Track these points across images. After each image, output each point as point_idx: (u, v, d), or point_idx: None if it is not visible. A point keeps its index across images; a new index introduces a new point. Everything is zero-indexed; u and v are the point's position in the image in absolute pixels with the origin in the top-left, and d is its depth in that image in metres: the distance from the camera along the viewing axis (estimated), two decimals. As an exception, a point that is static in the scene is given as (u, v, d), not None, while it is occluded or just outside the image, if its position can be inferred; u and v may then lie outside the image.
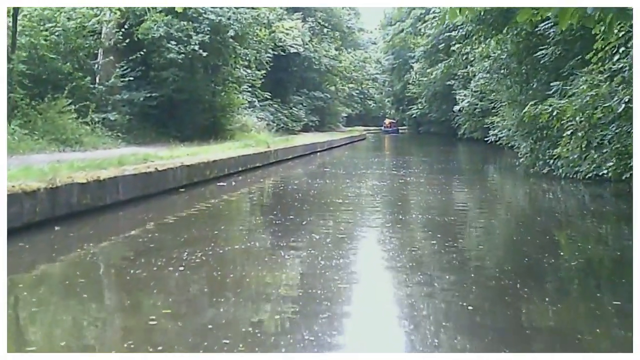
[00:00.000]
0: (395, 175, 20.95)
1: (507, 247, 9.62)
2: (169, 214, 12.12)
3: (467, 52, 27.17)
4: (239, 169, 20.45)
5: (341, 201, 14.41)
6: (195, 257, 7.87)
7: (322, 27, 59.76)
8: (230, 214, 12.46)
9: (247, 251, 8.55)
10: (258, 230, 10.64)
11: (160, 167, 14.81)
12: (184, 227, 10.49)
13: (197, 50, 25.28)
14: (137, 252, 8.52)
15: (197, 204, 13.56)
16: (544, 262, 7.99)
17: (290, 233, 10.03)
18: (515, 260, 8.43)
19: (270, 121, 42.44)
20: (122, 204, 12.18)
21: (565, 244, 9.79)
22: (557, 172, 18.88)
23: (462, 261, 8.24)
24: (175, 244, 8.88)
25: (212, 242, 8.94)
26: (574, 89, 16.32)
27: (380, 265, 8.07)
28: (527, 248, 9.10)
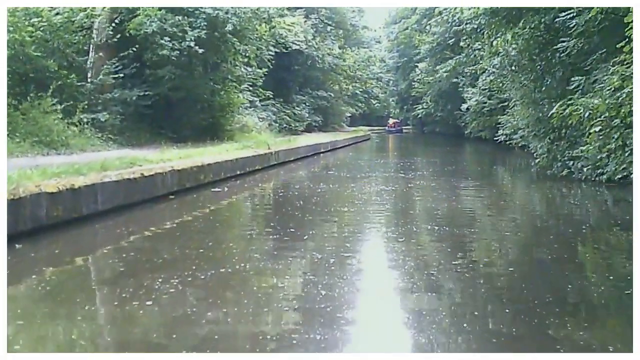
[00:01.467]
0: (404, 179, 19.57)
1: (533, 268, 8.24)
2: (152, 225, 10.78)
3: (479, 47, 25.69)
4: (237, 172, 19.14)
5: (346, 209, 13.06)
6: (169, 286, 6.52)
7: (326, 24, 58.37)
8: (222, 225, 11.04)
9: (234, 277, 7.15)
10: (251, 247, 9.19)
11: (147, 172, 13.49)
12: (166, 243, 9.17)
13: (193, 47, 23.92)
14: (102, 279, 7.22)
15: (186, 214, 12.23)
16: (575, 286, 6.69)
17: (289, 251, 8.67)
18: (552, 287, 7.06)
19: (272, 121, 41.31)
20: (100, 215, 10.86)
21: (593, 260, 8.46)
22: (576, 174, 17.53)
23: (491, 290, 6.92)
24: (150, 267, 7.55)
25: (195, 263, 7.61)
26: (600, 84, 14.98)
27: (395, 302, 6.56)
28: (556, 269, 7.76)
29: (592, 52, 16.80)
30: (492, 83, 36.29)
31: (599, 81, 15.33)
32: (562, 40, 17.14)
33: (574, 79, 16.35)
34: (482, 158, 32.21)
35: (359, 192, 16.20)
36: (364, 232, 10.61)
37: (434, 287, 6.95)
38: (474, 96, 41.09)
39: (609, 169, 15.88)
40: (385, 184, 18.10)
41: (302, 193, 15.90)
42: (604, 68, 15.64)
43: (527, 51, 21.47)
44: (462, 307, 6.20)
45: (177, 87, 25.73)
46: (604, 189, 15.76)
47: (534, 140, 21.42)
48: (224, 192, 15.52)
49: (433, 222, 11.23)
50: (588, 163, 17.10)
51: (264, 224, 11.57)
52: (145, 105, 24.72)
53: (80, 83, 21.71)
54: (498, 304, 6.34)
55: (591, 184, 16.59)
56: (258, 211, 13.61)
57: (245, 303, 6.25)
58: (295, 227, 10.65)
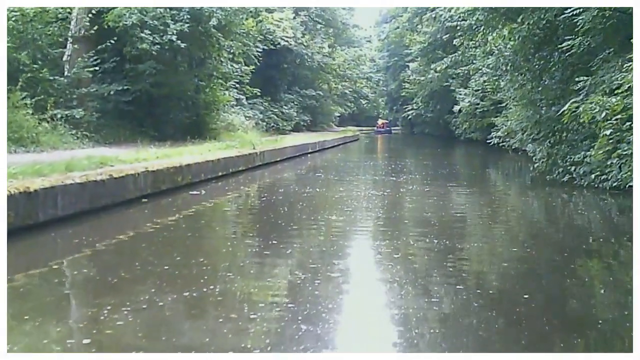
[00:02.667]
0: (396, 183, 18.47)
1: (544, 292, 7.17)
2: (116, 234, 9.64)
3: (475, 45, 24.63)
4: (219, 173, 18.04)
5: (334, 217, 11.92)
6: (117, 317, 5.39)
7: (315, 22, 57.21)
8: (195, 235, 9.84)
9: (198, 305, 6.02)
10: (225, 263, 7.99)
11: (117, 173, 12.37)
12: (127, 257, 8.06)
13: (175, 41, 22.73)
14: (36, 306, 6.00)
15: (156, 220, 11.09)
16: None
17: (268, 269, 7.59)
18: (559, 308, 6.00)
19: (259, 120, 40.20)
20: (60, 222, 9.72)
21: (600, 277, 7.41)
22: (578, 180, 16.51)
23: (499, 318, 5.85)
24: (101, 289, 6.44)
25: (156, 285, 6.50)
26: (607, 83, 13.96)
27: (388, 337, 5.50)
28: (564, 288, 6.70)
29: (597, 50, 15.75)
30: (485, 84, 35.42)
31: (607, 81, 14.30)
32: (567, 38, 16.04)
33: (579, 79, 15.26)
34: (475, 161, 31.13)
35: (348, 197, 15.10)
36: (353, 246, 9.49)
37: (435, 319, 5.86)
38: (466, 97, 40.04)
39: (613, 175, 14.88)
40: (375, 189, 17.01)
41: (287, 197, 14.78)
42: (611, 67, 14.62)
43: (522, 50, 20.54)
44: (463, 335, 5.13)
45: (159, 83, 24.57)
46: (607, 197, 14.78)
47: (533, 143, 20.36)
48: (203, 195, 14.41)
49: (430, 234, 10.09)
50: (591, 168, 16.11)
51: (242, 233, 10.43)
52: (126, 102, 23.55)
53: (54, 77, 20.43)
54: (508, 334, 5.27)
55: (594, 191, 15.58)
56: (237, 218, 12.43)
57: (206, 343, 5.08)
58: (278, 239, 9.53)
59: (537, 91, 20.45)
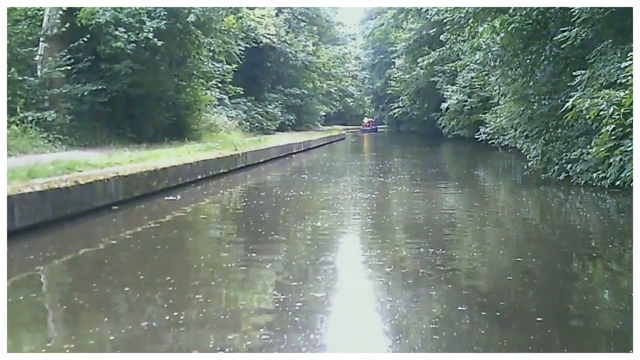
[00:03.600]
0: (384, 184, 17.62)
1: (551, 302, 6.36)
2: (77, 247, 8.75)
3: (463, 38, 23.78)
4: (198, 177, 17.15)
5: (319, 224, 11.02)
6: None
7: (299, 20, 56.29)
8: (164, 248, 8.80)
9: (158, 338, 5.11)
10: (194, 282, 6.96)
11: (84, 179, 11.44)
12: (83, 276, 7.15)
13: (151, 39, 21.78)
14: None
15: (124, 230, 10.20)
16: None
17: (244, 289, 6.70)
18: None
19: (242, 120, 39.37)
20: (16, 235, 8.77)
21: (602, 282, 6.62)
22: (575, 178, 15.74)
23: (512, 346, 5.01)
24: (41, 320, 5.56)
25: (110, 313, 5.60)
26: (608, 77, 13.18)
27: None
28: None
29: (594, 42, 14.94)
30: (473, 80, 34.74)
31: (605, 74, 13.51)
32: (562, 30, 15.20)
33: (576, 72, 14.43)
34: (465, 159, 30.23)
35: (334, 200, 14.23)
36: (340, 259, 8.54)
37: (435, 349, 5.00)
38: (454, 94, 39.30)
39: (612, 173, 14.11)
40: (363, 191, 16.13)
41: (270, 202, 13.87)
42: (609, 60, 13.82)
43: (511, 45, 19.77)
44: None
45: (137, 82, 23.67)
46: (607, 195, 14.03)
47: (526, 140, 19.54)
48: (179, 201, 13.51)
49: (424, 242, 9.20)
50: (588, 166, 15.34)
51: (218, 245, 9.48)
52: (102, 102, 22.61)
53: (24, 77, 19.44)
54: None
55: (592, 189, 14.83)
56: (214, 226, 11.47)
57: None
58: (258, 251, 8.65)
59: (528, 86, 19.67)
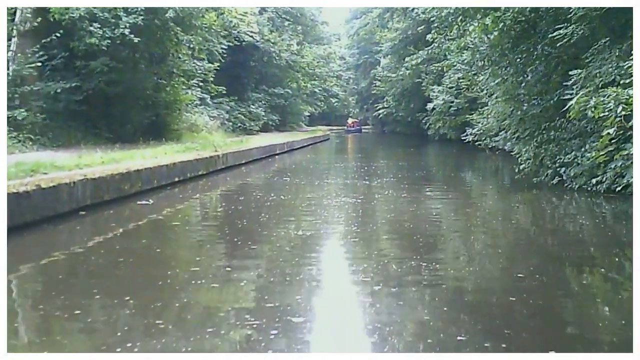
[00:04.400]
0: (369, 187, 16.87)
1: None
2: (31, 259, 7.92)
3: (451, 37, 23.08)
4: (175, 179, 16.34)
5: (301, 233, 10.20)
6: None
7: (283, 19, 55.43)
8: (127, 261, 7.93)
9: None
10: (156, 304, 6.14)
11: (46, 182, 10.60)
12: (30, 293, 6.41)
13: (128, 35, 20.91)
14: None
15: (88, 239, 9.38)
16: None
17: (211, 314, 5.89)
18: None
19: (224, 120, 38.54)
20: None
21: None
22: (569, 182, 15.05)
23: None
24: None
25: (55, 341, 4.80)
26: (607, 76, 12.51)
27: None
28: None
29: (590, 40, 14.26)
30: (460, 81, 34.12)
31: (603, 73, 12.85)
32: (558, 27, 14.48)
33: (573, 72, 13.73)
34: (452, 161, 29.46)
35: (317, 205, 13.45)
36: (322, 274, 7.70)
37: None
38: (440, 95, 38.63)
39: (608, 178, 13.47)
40: (347, 195, 15.33)
41: (249, 207, 13.06)
42: (607, 58, 13.15)
43: (499, 45, 19.14)
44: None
45: (114, 81, 22.93)
46: (602, 201, 13.35)
47: (517, 142, 18.83)
48: (152, 206, 12.67)
49: (415, 255, 8.42)
50: (582, 170, 14.66)
51: (190, 256, 8.59)
52: (77, 101, 21.82)
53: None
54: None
55: (587, 194, 14.14)
56: (187, 235, 10.59)
57: None
58: (233, 266, 7.84)
59: (519, 86, 19.00)
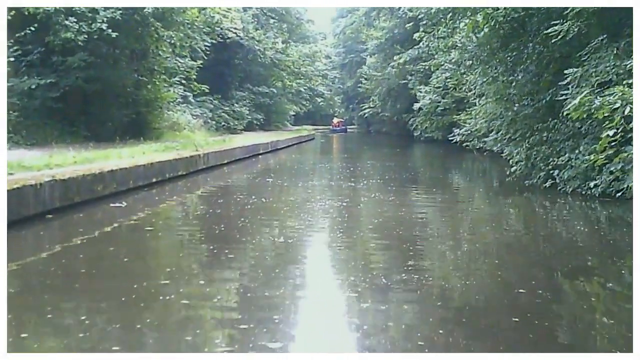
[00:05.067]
0: (355, 190, 16.22)
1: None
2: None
3: (441, 35, 22.45)
4: (152, 180, 15.64)
5: (282, 240, 9.52)
6: None
7: (268, 17, 54.62)
8: (90, 272, 7.26)
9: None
10: (112, 328, 5.41)
11: (11, 184, 9.88)
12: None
13: (105, 30, 20.14)
14: None
15: (50, 246, 8.72)
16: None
17: (179, 344, 5.21)
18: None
19: (208, 119, 37.78)
20: None
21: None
22: (562, 186, 14.48)
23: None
24: None
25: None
26: (604, 75, 11.94)
27: None
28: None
29: (588, 37, 13.67)
30: (447, 80, 33.52)
31: (601, 71, 12.27)
32: (554, 23, 13.85)
33: (569, 70, 13.13)
34: (439, 162, 28.78)
35: (301, 209, 12.77)
36: (305, 290, 7.00)
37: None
38: (427, 95, 38.00)
39: (603, 180, 12.94)
40: (332, 197, 14.67)
41: (227, 211, 12.37)
42: (604, 57, 12.57)
43: (488, 44, 18.57)
44: None
45: (92, 77, 22.26)
46: (598, 205, 12.82)
47: (508, 144, 18.24)
48: (125, 209, 11.96)
49: (408, 266, 7.79)
50: (576, 172, 14.10)
51: (159, 268, 7.87)
52: (53, 98, 21.12)
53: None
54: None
55: (582, 198, 13.59)
56: (159, 241, 9.84)
57: None
58: (207, 279, 7.17)
59: (509, 86, 18.43)
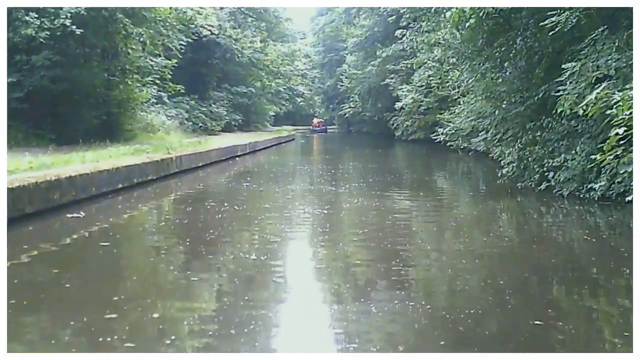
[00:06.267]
0: (337, 195, 15.15)
1: None
2: None
3: (426, 29, 21.48)
4: (119, 186, 14.52)
5: (254, 257, 8.31)
6: None
7: (246, 15, 53.38)
8: (19, 304, 6.05)
9: None
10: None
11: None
12: None
13: (69, 26, 18.92)
14: None
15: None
16: None
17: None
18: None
19: (184, 120, 36.61)
20: None
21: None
22: (558, 188, 13.54)
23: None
24: None
25: None
26: (605, 68, 10.98)
27: None
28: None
29: (584, 28, 12.69)
30: (430, 78, 32.71)
31: (602, 66, 11.29)
32: (551, 14, 12.81)
33: (567, 65, 12.11)
34: (425, 164, 27.50)
35: (278, 218, 11.65)
36: (283, 318, 5.94)
37: None
38: (409, 93, 37.08)
39: (603, 182, 12.04)
40: (312, 204, 13.58)
41: (196, 221, 11.22)
42: (606, 50, 11.60)
43: (472, 41, 17.69)
44: None
45: (59, 77, 21.19)
46: (597, 209, 11.96)
47: (499, 144, 17.25)
48: (83, 219, 10.82)
49: (397, 286, 6.76)
50: (573, 174, 13.16)
51: (107, 295, 6.60)
52: (17, 98, 19.93)
53: None
54: None
55: (579, 201, 12.67)
56: (112, 260, 8.50)
57: None
58: (163, 310, 6.07)
59: (497, 83, 17.50)
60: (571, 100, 11.90)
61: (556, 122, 14.44)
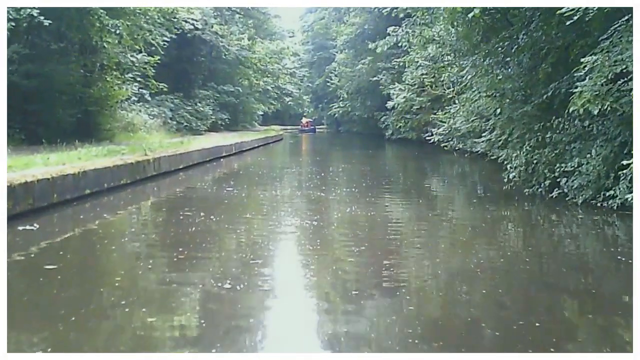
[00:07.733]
0: (327, 202, 13.78)
1: None
2: None
3: (423, 20, 20.21)
4: (86, 191, 13.15)
5: (230, 282, 6.81)
6: None
7: (233, 12, 51.95)
8: None
9: None
10: None
11: None
12: None
13: (37, 17, 17.50)
14: None
15: None
16: None
17: None
18: None
19: (167, 119, 35.18)
20: None
21: None
22: (572, 196, 12.26)
23: None
24: None
25: None
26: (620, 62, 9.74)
27: None
28: None
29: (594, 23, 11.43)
30: (423, 77, 31.57)
31: (619, 62, 10.03)
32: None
33: (586, 59, 10.80)
34: (419, 166, 25.83)
35: (259, 232, 10.25)
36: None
37: None
38: (401, 92, 35.77)
39: (621, 190, 10.79)
40: (299, 214, 12.22)
41: (165, 236, 9.81)
42: (622, 43, 10.31)
43: (469, 36, 16.72)
44: None
45: (31, 73, 19.80)
46: (616, 219, 10.69)
47: (504, 146, 15.91)
48: (35, 233, 9.40)
49: (402, 333, 5.43)
50: (587, 180, 11.90)
51: (35, 338, 5.31)
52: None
53: None
54: None
55: (596, 211, 11.40)
56: (51, 289, 6.87)
57: None
58: (116, 345, 4.72)
59: (498, 80, 16.25)
60: (586, 98, 10.70)
61: (567, 122, 13.18)
